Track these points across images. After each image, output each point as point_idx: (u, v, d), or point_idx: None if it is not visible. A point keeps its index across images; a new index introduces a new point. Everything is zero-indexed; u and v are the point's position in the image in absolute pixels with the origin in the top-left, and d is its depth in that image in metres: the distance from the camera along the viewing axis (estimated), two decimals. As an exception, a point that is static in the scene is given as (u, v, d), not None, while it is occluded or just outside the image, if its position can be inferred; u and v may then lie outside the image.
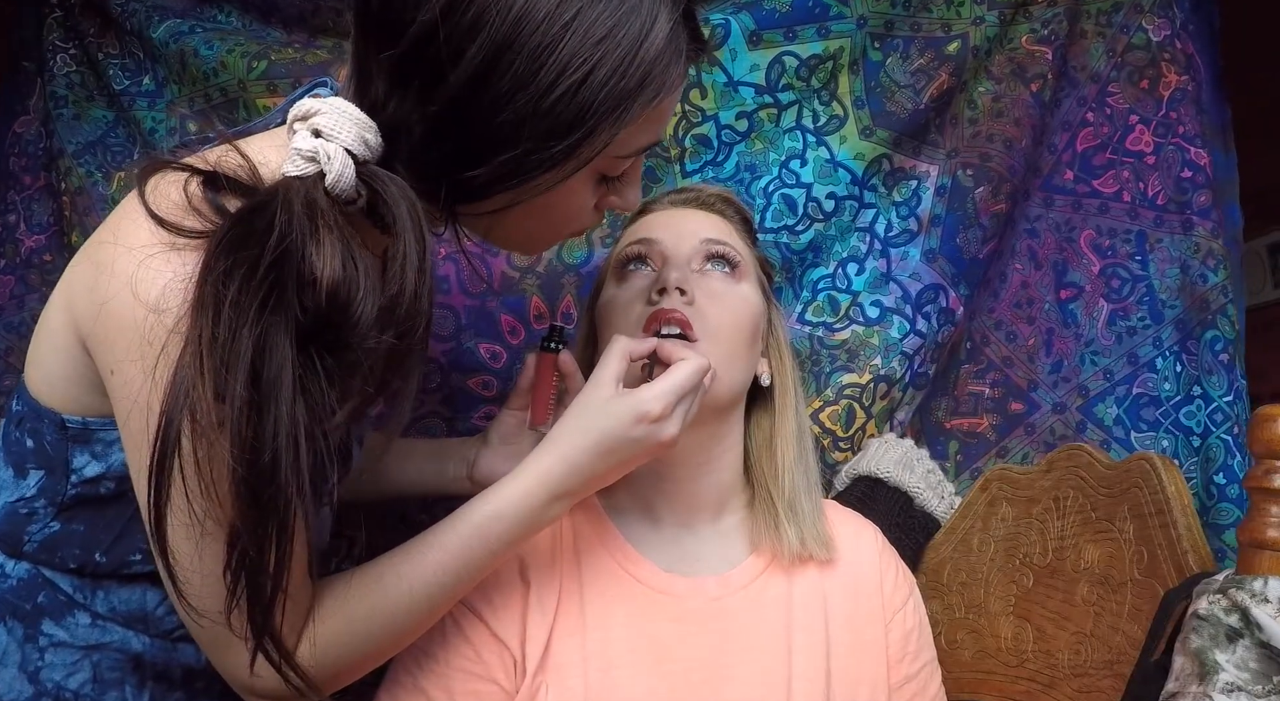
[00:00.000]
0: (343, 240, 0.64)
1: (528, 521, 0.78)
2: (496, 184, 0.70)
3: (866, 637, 0.93)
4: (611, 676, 0.85)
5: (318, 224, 0.64)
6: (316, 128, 0.67)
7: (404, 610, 0.76)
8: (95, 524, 0.80)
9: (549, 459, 0.79)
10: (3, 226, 1.44)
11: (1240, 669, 0.72)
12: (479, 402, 1.24)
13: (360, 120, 0.68)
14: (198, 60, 1.30)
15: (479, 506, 0.78)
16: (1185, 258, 1.32)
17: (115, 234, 0.69)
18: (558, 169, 0.70)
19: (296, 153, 0.67)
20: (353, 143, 0.67)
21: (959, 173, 1.32)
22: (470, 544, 0.77)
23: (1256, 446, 0.77)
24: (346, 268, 0.64)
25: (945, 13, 1.32)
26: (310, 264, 0.63)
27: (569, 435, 0.79)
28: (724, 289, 0.93)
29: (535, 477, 0.78)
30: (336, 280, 0.63)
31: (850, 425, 1.27)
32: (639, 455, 0.80)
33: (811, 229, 1.31)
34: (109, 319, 0.67)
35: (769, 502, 0.94)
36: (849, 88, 1.31)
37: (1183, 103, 1.33)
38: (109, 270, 0.67)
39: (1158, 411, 1.32)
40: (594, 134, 0.68)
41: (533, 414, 0.97)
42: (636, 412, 0.78)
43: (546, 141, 0.67)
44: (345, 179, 0.67)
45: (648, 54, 0.68)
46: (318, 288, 0.63)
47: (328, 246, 0.63)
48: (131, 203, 0.70)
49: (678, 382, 0.80)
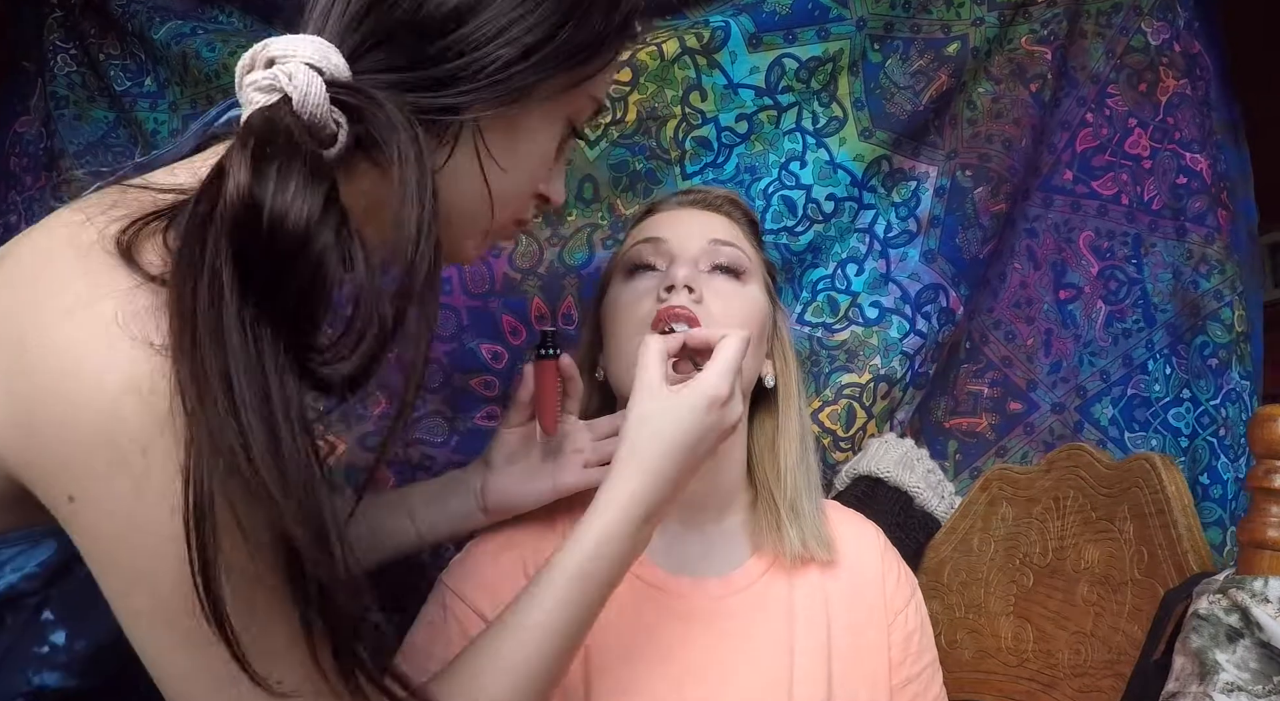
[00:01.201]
0: (259, 151, 0.53)
1: (628, 550, 0.73)
2: (524, 58, 0.63)
3: (868, 639, 0.94)
4: (613, 676, 0.86)
5: (245, 145, 0.53)
6: (269, 57, 0.58)
7: (526, 687, 0.68)
8: None
9: (632, 481, 0.73)
10: (4, 227, 1.44)
11: (1240, 669, 0.72)
12: (481, 402, 1.24)
13: (318, 41, 0.59)
14: (200, 62, 1.30)
15: (572, 553, 0.72)
16: (1178, 263, 1.34)
17: (39, 307, 0.53)
18: (578, 64, 0.67)
19: (253, 88, 0.57)
20: (314, 56, 0.58)
21: (958, 173, 1.32)
22: (574, 593, 0.71)
23: (1257, 446, 0.78)
24: (258, 169, 0.52)
25: (945, 14, 1.32)
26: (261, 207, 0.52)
27: (643, 448, 0.74)
28: (731, 289, 0.93)
29: (624, 505, 0.73)
30: (243, 186, 0.52)
31: (850, 425, 1.28)
32: (714, 444, 0.77)
33: (811, 230, 1.31)
34: (61, 428, 0.52)
35: (771, 503, 0.95)
36: (848, 89, 1.31)
37: (1180, 108, 1.34)
38: (47, 356, 0.52)
39: (1148, 412, 1.33)
40: (600, 46, 0.68)
41: (543, 423, 0.92)
42: (708, 400, 0.75)
43: (582, 23, 0.65)
44: (313, 95, 0.57)
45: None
46: (229, 204, 0.52)
47: (239, 161, 0.53)
48: (62, 259, 0.55)
49: (731, 359, 0.78)
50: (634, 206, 1.26)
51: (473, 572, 0.92)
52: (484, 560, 0.93)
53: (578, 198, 1.26)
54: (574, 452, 0.93)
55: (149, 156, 0.68)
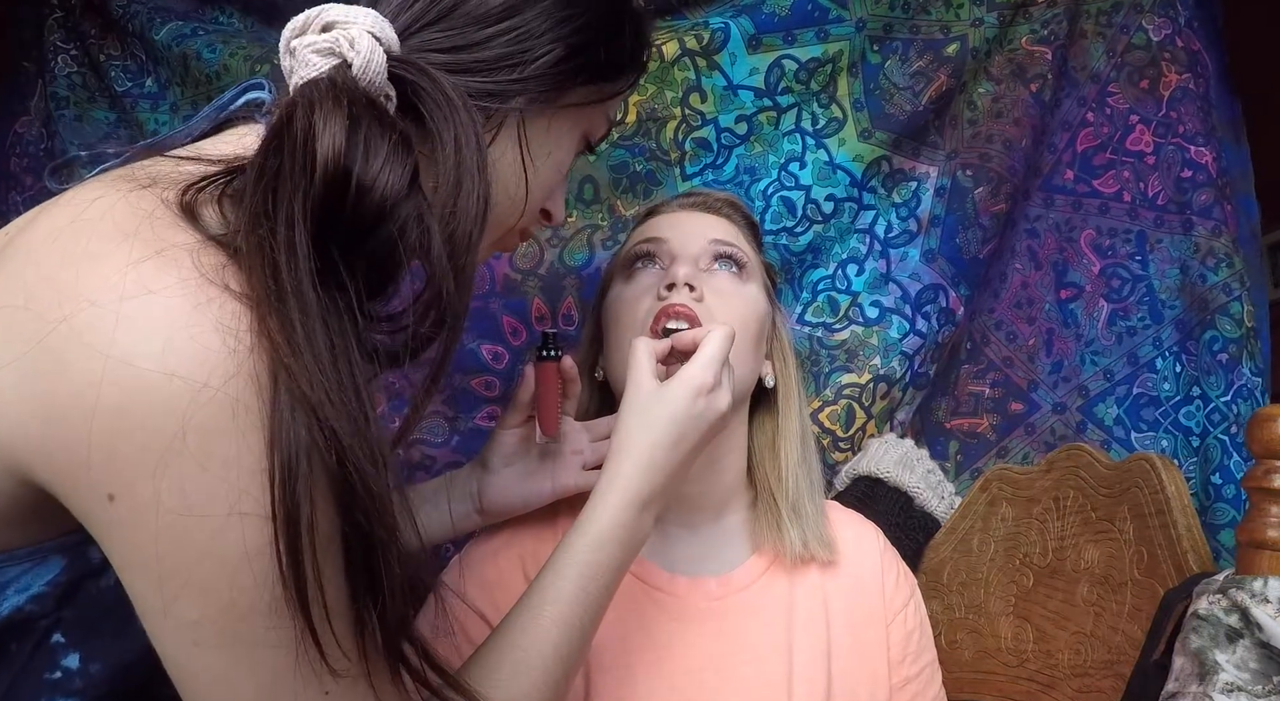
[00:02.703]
0: (351, 112, 0.52)
1: (628, 540, 0.74)
2: (571, 58, 0.66)
3: (867, 638, 0.94)
4: (613, 676, 0.86)
5: (337, 99, 0.52)
6: (327, 22, 0.57)
7: (542, 682, 0.68)
8: None
9: (625, 471, 0.75)
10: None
11: (1240, 669, 0.72)
12: (481, 403, 1.24)
13: (374, 13, 0.58)
14: (200, 63, 1.30)
15: (574, 545, 0.73)
16: (1185, 258, 1.32)
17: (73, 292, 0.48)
18: (590, 80, 0.70)
19: (310, 50, 0.56)
20: (374, 25, 0.57)
21: (958, 173, 1.32)
22: (582, 584, 0.71)
23: (1256, 446, 0.78)
24: (352, 136, 0.51)
25: (944, 15, 1.32)
26: (311, 146, 0.50)
27: (633, 439, 0.76)
28: (731, 288, 0.93)
29: (620, 494, 0.74)
30: (337, 150, 0.50)
31: (850, 425, 1.28)
32: (705, 433, 0.78)
33: (810, 231, 1.31)
34: (105, 417, 0.46)
35: (772, 504, 0.95)
36: (848, 90, 1.31)
37: (1183, 102, 1.33)
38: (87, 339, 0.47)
39: (1157, 411, 1.32)
40: (626, 67, 0.72)
41: (543, 425, 0.92)
42: (692, 388, 0.76)
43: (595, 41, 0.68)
44: (375, 63, 0.56)
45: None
46: (319, 168, 0.50)
47: (334, 120, 0.51)
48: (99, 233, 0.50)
49: (715, 350, 0.79)
50: (634, 207, 1.26)
51: (473, 572, 0.92)
52: (484, 560, 0.93)
53: (578, 198, 1.26)
54: (573, 454, 0.93)
55: (158, 138, 0.65)
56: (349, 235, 0.52)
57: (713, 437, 0.80)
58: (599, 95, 0.72)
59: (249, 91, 0.66)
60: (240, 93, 0.66)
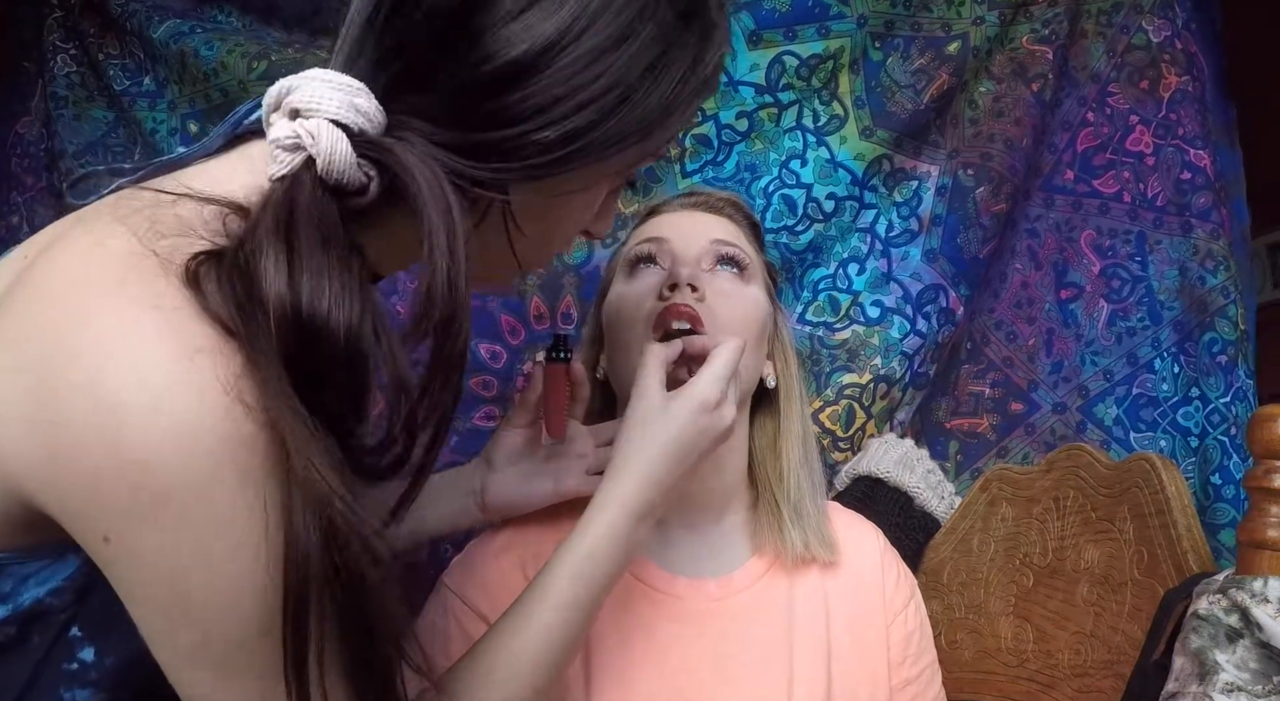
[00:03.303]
0: (292, 246, 0.51)
1: (622, 551, 0.75)
2: (566, 142, 0.57)
3: (867, 639, 0.93)
4: (613, 676, 0.86)
5: (283, 227, 0.52)
6: (293, 107, 0.55)
7: (530, 685, 0.69)
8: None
9: (626, 484, 0.75)
10: (5, 228, 1.44)
11: (1240, 669, 0.72)
12: (480, 403, 1.24)
13: (346, 84, 0.55)
14: (198, 61, 1.30)
15: (570, 555, 0.73)
16: (1184, 259, 1.33)
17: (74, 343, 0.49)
18: (636, 143, 0.61)
19: (276, 146, 0.55)
20: (340, 111, 0.54)
21: (960, 172, 1.32)
22: (575, 592, 0.72)
23: (1256, 446, 0.77)
24: (294, 277, 0.51)
25: (945, 12, 1.32)
26: (260, 285, 0.50)
27: (638, 451, 0.76)
28: (733, 289, 0.93)
29: (618, 507, 0.75)
30: (283, 296, 0.50)
31: (850, 425, 1.27)
32: (706, 448, 0.79)
33: (811, 229, 1.31)
34: (96, 470, 0.48)
35: (773, 504, 0.94)
36: (849, 87, 1.31)
37: (1183, 104, 1.33)
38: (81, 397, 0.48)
39: (1156, 412, 1.32)
40: (674, 110, 0.61)
41: (550, 427, 0.91)
42: (697, 403, 0.77)
43: (634, 110, 0.59)
44: (339, 156, 0.54)
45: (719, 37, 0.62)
46: (267, 311, 0.50)
47: (272, 257, 0.51)
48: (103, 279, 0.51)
49: (723, 364, 0.80)
50: (633, 204, 1.26)
51: (473, 573, 0.91)
52: (484, 561, 0.93)
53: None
54: (578, 457, 0.93)
55: (176, 155, 0.65)
56: (317, 367, 0.52)
57: (715, 449, 0.80)
58: (631, 158, 0.63)
59: (256, 110, 0.64)
60: (255, 107, 0.65)
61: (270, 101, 0.56)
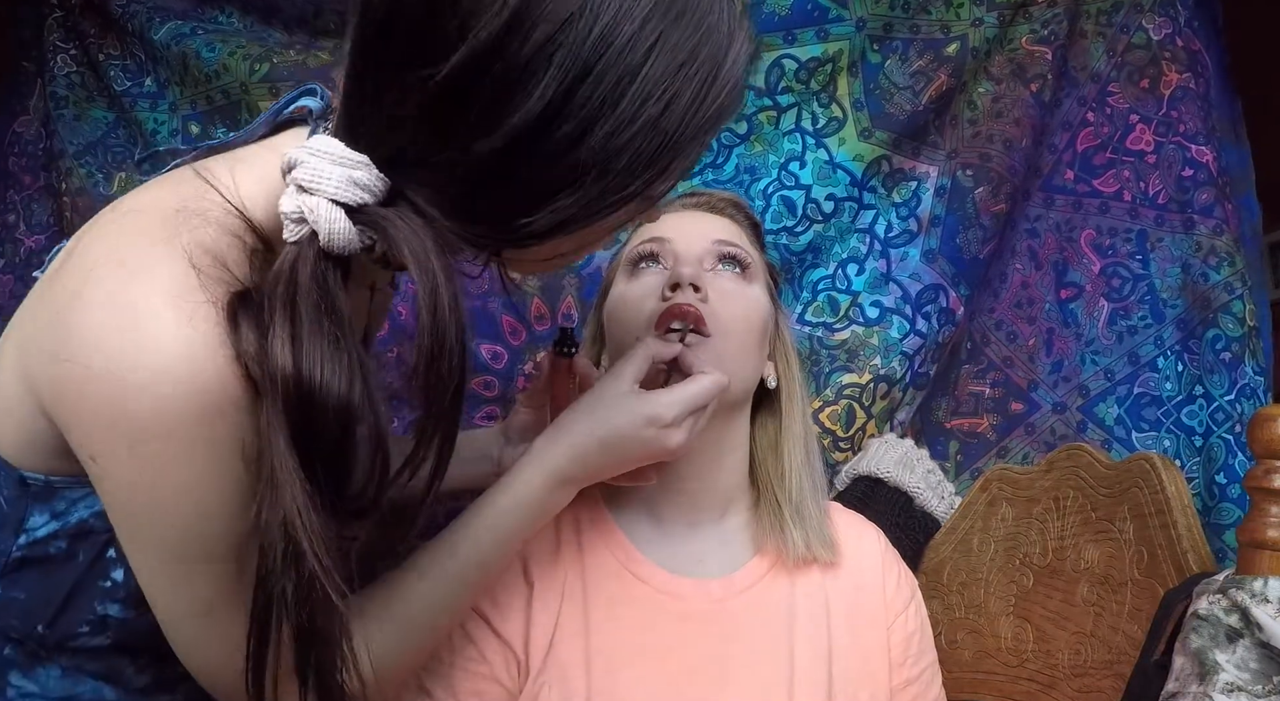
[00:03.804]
0: (295, 320, 0.58)
1: (536, 510, 0.80)
2: (556, 229, 0.61)
3: (868, 640, 0.93)
4: (614, 677, 0.86)
5: (288, 299, 0.59)
6: (298, 183, 0.60)
7: (432, 607, 0.77)
8: (38, 590, 0.71)
9: (556, 448, 0.80)
10: (2, 226, 1.44)
11: (1240, 669, 0.72)
12: (481, 403, 1.24)
13: (345, 158, 0.59)
14: (199, 62, 1.30)
15: (490, 500, 0.79)
16: (1186, 257, 1.32)
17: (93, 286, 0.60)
18: (626, 207, 0.63)
19: (286, 218, 0.60)
20: (338, 190, 0.59)
21: (959, 173, 1.32)
22: (485, 543, 0.78)
23: (1256, 446, 0.78)
24: (297, 349, 0.58)
25: (944, 14, 1.32)
26: (273, 351, 0.58)
27: (578, 423, 0.80)
28: (735, 289, 0.93)
29: (541, 467, 0.79)
30: (287, 366, 0.57)
31: (850, 425, 1.28)
32: (642, 457, 0.81)
33: (810, 230, 1.31)
34: (89, 402, 0.59)
35: (774, 505, 0.95)
36: (848, 90, 1.31)
37: (1184, 101, 1.33)
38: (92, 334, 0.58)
39: (1159, 411, 1.31)
40: (671, 167, 0.62)
41: (554, 416, 0.92)
42: (647, 414, 0.79)
43: (620, 180, 0.60)
44: (339, 233, 0.59)
45: (729, 77, 0.61)
46: (280, 377, 0.58)
47: (280, 331, 0.58)
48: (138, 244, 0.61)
49: (693, 394, 0.80)
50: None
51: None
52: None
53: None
54: None
55: (222, 141, 0.72)
56: (311, 426, 0.59)
57: (652, 462, 0.82)
58: (638, 210, 0.66)
59: (302, 97, 0.72)
60: (294, 99, 0.73)
61: (284, 164, 0.61)
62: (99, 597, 0.71)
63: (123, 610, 0.71)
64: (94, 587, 0.71)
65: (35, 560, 0.70)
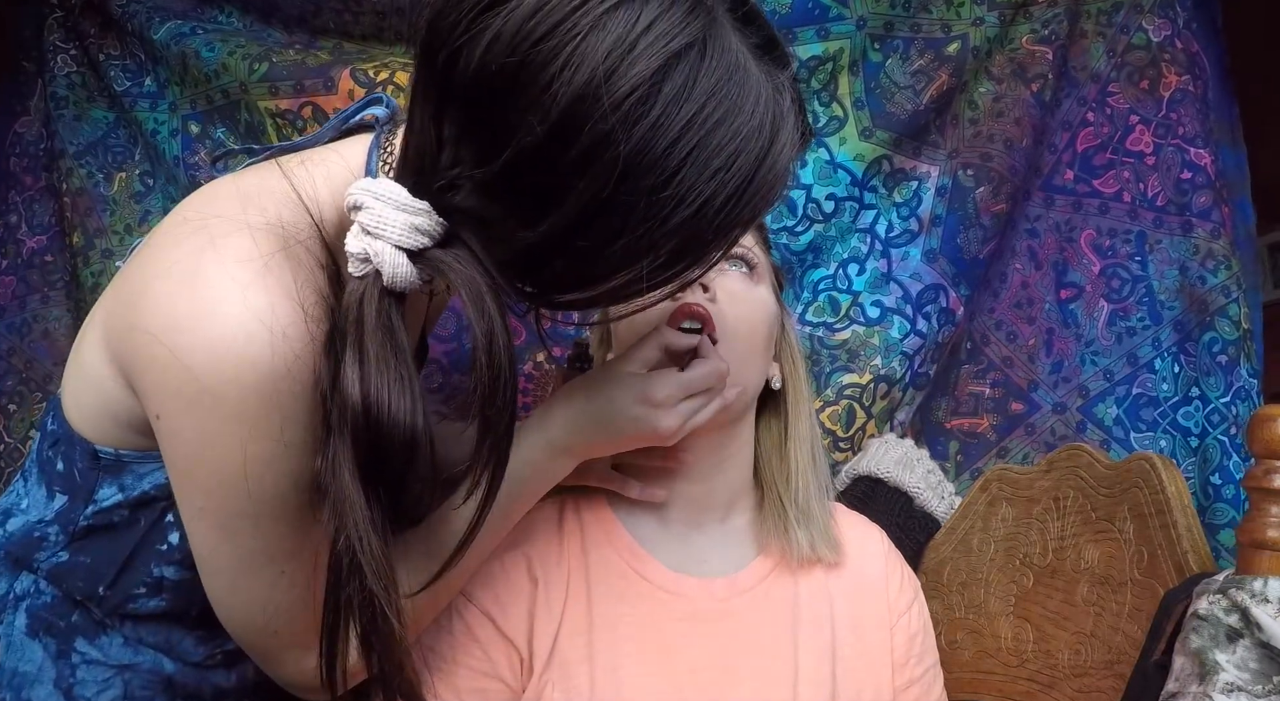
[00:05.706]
0: (363, 357, 0.62)
1: (532, 478, 0.82)
2: (590, 304, 0.69)
3: (871, 640, 0.94)
4: (617, 676, 0.86)
5: (357, 337, 0.63)
6: (363, 227, 0.64)
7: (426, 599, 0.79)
8: (102, 554, 0.78)
9: (552, 417, 0.82)
10: (3, 227, 1.45)
11: (1240, 669, 0.72)
12: (480, 403, 1.24)
13: (407, 205, 0.63)
14: (199, 62, 1.30)
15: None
16: (1184, 259, 1.32)
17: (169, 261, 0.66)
18: (662, 289, 0.67)
19: (353, 257, 0.65)
20: (401, 236, 0.63)
21: (959, 173, 1.32)
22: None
23: (1256, 446, 0.77)
24: (365, 381, 0.62)
25: (945, 13, 1.32)
26: (345, 385, 0.62)
27: (576, 395, 0.82)
28: (743, 290, 0.93)
29: (541, 434, 0.82)
30: (355, 397, 0.62)
31: (850, 425, 1.28)
32: (631, 436, 0.81)
33: (811, 230, 1.31)
34: (159, 365, 0.65)
35: (779, 505, 0.95)
36: (849, 89, 1.31)
37: (1183, 103, 1.33)
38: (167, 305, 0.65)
39: (1156, 412, 1.32)
40: (705, 257, 0.66)
41: None
42: (639, 391, 0.79)
43: (654, 272, 0.63)
44: (401, 274, 0.63)
45: (765, 179, 0.63)
46: (350, 409, 0.62)
47: (350, 367, 0.62)
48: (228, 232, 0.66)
49: (687, 378, 0.81)
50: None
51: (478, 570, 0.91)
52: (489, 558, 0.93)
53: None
54: None
55: (295, 141, 0.78)
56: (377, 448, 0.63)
57: (640, 444, 0.83)
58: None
59: (370, 106, 0.77)
60: (362, 107, 0.78)
61: (349, 202, 0.65)
62: (156, 560, 0.78)
63: (178, 572, 0.78)
64: (152, 550, 0.78)
65: (101, 527, 0.77)
